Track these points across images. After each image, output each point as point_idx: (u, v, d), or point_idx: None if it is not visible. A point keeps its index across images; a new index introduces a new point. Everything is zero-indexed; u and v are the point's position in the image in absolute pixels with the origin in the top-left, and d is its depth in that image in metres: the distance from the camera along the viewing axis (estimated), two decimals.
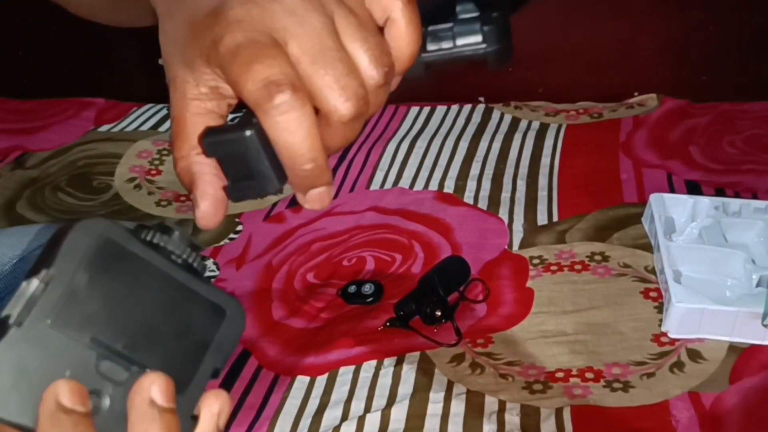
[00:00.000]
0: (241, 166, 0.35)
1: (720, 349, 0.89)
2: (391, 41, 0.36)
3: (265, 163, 0.35)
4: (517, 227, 1.16)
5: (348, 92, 0.34)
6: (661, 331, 0.92)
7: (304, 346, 0.97)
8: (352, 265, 1.10)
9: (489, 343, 0.94)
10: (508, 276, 1.05)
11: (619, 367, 0.88)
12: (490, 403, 0.85)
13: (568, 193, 1.23)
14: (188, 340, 0.34)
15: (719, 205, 1.07)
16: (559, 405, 0.84)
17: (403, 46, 0.36)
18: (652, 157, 1.31)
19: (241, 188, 0.36)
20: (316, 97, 0.34)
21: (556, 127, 1.43)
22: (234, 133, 0.34)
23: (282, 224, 1.20)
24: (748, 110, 1.42)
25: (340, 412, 0.86)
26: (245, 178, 0.35)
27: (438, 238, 1.14)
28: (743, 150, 1.30)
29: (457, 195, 1.25)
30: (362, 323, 0.98)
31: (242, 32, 0.34)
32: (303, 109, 0.33)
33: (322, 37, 0.34)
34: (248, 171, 0.35)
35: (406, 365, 0.92)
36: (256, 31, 0.34)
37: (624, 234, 1.11)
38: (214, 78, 0.36)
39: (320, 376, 0.92)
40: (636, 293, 0.99)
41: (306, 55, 0.34)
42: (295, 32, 0.34)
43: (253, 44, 0.34)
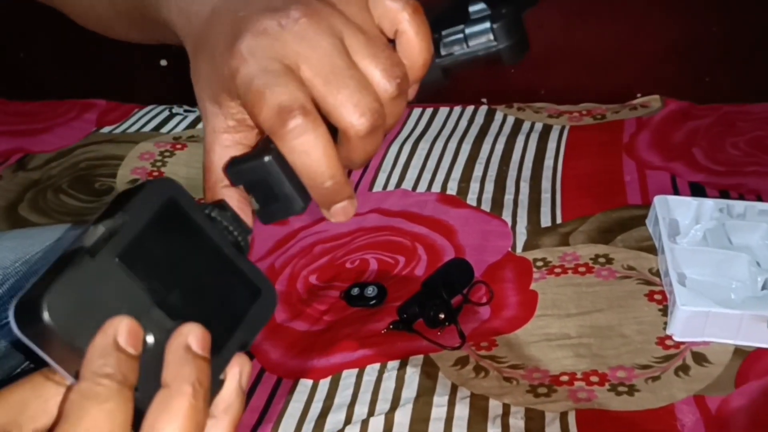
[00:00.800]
0: (265, 191, 0.37)
1: (725, 352, 0.89)
2: (403, 52, 0.38)
3: (287, 185, 0.37)
4: (521, 229, 1.15)
5: (361, 107, 0.35)
6: (665, 334, 0.92)
7: (306, 348, 0.96)
8: (354, 267, 1.10)
9: (493, 346, 0.94)
10: (512, 278, 1.05)
11: (624, 370, 0.88)
12: (494, 406, 0.85)
13: (571, 195, 1.22)
14: (226, 310, 0.36)
15: (723, 207, 1.07)
16: (563, 409, 0.83)
17: (415, 54, 0.38)
18: (655, 158, 1.30)
19: (269, 212, 0.38)
20: (332, 116, 0.36)
21: (559, 128, 1.43)
22: (254, 160, 0.37)
23: (284, 226, 1.20)
24: (751, 111, 1.42)
25: (344, 415, 0.86)
26: (272, 202, 0.38)
27: (441, 241, 1.14)
28: (746, 152, 1.30)
29: (460, 197, 1.25)
30: (365, 326, 0.98)
31: (255, 62, 0.36)
32: (316, 131, 0.35)
33: (332, 58, 0.36)
34: (273, 195, 0.37)
35: (409, 368, 0.91)
36: (267, 60, 0.36)
37: (628, 236, 1.10)
38: (239, 110, 0.38)
39: (323, 380, 0.92)
40: (640, 296, 0.99)
41: (318, 77, 0.35)
42: (306, 56, 0.36)
43: (264, 73, 0.35)
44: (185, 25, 0.42)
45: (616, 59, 1.58)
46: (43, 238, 0.83)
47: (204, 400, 0.32)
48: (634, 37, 1.57)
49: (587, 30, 1.58)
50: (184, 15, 0.42)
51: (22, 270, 0.76)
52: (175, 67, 1.74)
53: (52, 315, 0.31)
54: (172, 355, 0.32)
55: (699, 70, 1.56)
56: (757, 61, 1.53)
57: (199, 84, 0.40)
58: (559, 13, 1.57)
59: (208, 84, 0.39)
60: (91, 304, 0.32)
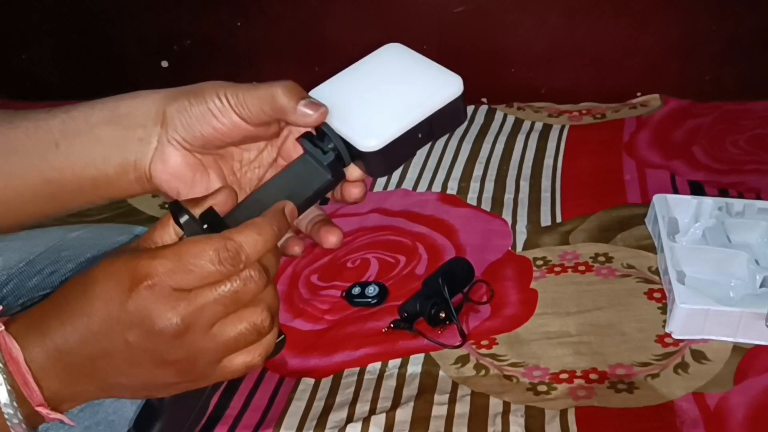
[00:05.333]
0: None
1: (724, 350, 0.89)
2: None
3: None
4: (521, 228, 1.16)
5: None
6: (665, 331, 0.93)
7: (308, 348, 0.97)
8: (356, 266, 1.10)
9: (493, 344, 0.94)
10: (512, 277, 1.05)
11: (624, 368, 0.88)
12: (494, 404, 0.85)
13: (571, 194, 1.23)
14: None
15: (723, 205, 1.07)
16: (563, 406, 0.84)
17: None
18: (655, 157, 1.31)
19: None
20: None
21: (559, 128, 1.43)
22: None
23: None
24: (751, 110, 1.42)
25: (345, 414, 0.86)
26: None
27: (442, 240, 1.14)
28: (746, 150, 1.30)
29: (461, 196, 1.25)
30: (366, 325, 0.99)
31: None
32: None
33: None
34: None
35: (410, 367, 0.92)
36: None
37: (627, 235, 1.11)
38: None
39: (325, 378, 0.92)
40: (640, 294, 0.99)
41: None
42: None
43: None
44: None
45: (616, 58, 1.59)
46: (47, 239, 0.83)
47: (276, 241, 0.45)
48: (634, 35, 1.57)
49: (588, 29, 1.58)
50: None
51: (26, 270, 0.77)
52: (176, 67, 1.74)
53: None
54: (272, 210, 0.46)
55: (700, 69, 1.57)
56: (757, 59, 1.53)
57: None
58: (560, 12, 1.58)
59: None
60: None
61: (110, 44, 1.78)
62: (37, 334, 0.44)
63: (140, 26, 1.75)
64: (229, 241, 0.43)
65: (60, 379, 0.45)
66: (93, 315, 0.43)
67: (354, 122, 0.49)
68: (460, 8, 1.58)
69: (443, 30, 1.58)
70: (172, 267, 0.42)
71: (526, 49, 1.62)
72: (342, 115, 0.50)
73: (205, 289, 0.43)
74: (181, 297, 0.42)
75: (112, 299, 0.43)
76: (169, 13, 1.72)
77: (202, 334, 0.43)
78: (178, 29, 1.72)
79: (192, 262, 0.42)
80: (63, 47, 1.80)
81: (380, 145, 0.48)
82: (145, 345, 0.43)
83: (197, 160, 0.53)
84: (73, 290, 0.44)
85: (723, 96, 1.49)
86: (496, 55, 1.61)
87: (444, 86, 0.50)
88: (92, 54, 1.79)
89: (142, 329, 0.43)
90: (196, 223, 0.45)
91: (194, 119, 0.51)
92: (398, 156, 0.50)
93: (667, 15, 1.55)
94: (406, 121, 0.49)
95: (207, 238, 0.43)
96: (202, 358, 0.44)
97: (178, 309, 0.42)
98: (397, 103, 0.49)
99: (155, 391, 0.47)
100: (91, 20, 1.77)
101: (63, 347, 0.44)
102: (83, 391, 0.46)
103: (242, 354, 0.45)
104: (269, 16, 1.65)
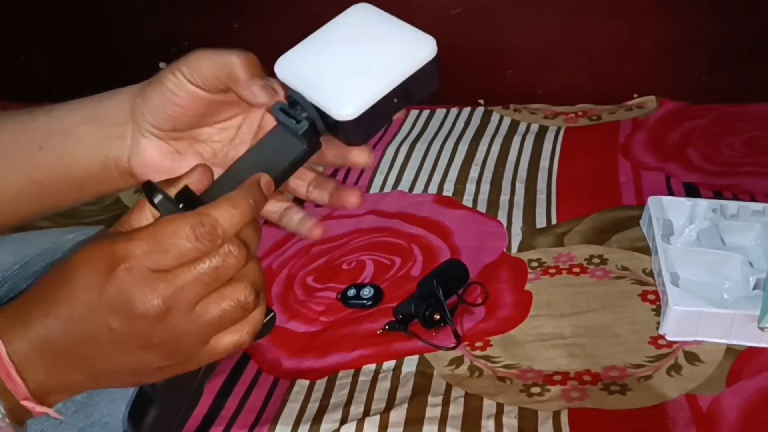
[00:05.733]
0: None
1: (717, 352, 0.90)
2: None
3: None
4: (516, 230, 1.16)
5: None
6: (658, 333, 0.93)
7: (303, 349, 0.97)
8: (351, 268, 1.11)
9: (487, 346, 0.94)
10: (507, 279, 1.06)
11: (617, 369, 0.89)
12: (488, 406, 0.86)
13: (566, 196, 1.23)
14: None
15: (717, 207, 1.07)
16: (556, 408, 0.84)
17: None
18: (650, 159, 1.31)
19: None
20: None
21: (555, 129, 1.44)
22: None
23: (282, 228, 1.20)
24: (747, 112, 1.43)
25: (340, 415, 0.87)
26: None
27: (437, 242, 1.15)
28: (742, 152, 1.31)
29: (456, 198, 1.26)
30: (361, 327, 0.99)
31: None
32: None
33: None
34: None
35: (404, 369, 0.92)
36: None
37: (622, 237, 1.11)
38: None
39: (320, 380, 0.93)
40: (634, 296, 1.00)
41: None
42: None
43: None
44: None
45: (613, 60, 1.59)
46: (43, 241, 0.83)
47: (252, 215, 0.44)
48: (631, 38, 1.58)
49: (585, 31, 1.58)
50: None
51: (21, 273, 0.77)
52: None
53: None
54: (247, 183, 0.46)
55: (696, 71, 1.57)
56: (753, 61, 1.53)
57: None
58: (557, 13, 1.58)
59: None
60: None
61: (108, 45, 1.78)
62: (20, 326, 0.44)
63: (138, 27, 1.75)
64: (204, 217, 0.43)
65: (45, 370, 0.44)
66: (74, 302, 0.43)
67: (327, 90, 0.48)
68: (457, 10, 1.59)
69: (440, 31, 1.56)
70: (148, 248, 0.42)
71: (523, 50, 1.62)
72: (314, 83, 0.48)
73: (184, 268, 0.42)
74: (161, 278, 0.42)
75: (91, 285, 0.42)
76: (167, 14, 1.72)
77: (185, 314, 0.43)
78: (175, 30, 1.72)
79: (168, 241, 0.42)
80: (61, 48, 1.80)
81: (356, 114, 0.47)
82: (128, 329, 0.43)
83: (172, 148, 0.54)
84: (54, 279, 0.44)
85: (719, 98, 1.49)
86: (493, 57, 1.62)
87: (418, 49, 0.49)
88: (90, 55, 1.80)
89: (124, 313, 0.42)
90: (171, 202, 0.44)
91: (157, 102, 0.52)
92: (375, 123, 0.49)
93: (664, 18, 1.55)
94: (380, 87, 0.47)
95: (182, 216, 0.43)
96: (188, 339, 0.44)
97: (158, 290, 0.42)
98: (371, 68, 0.48)
99: (144, 376, 0.47)
100: (89, 21, 1.78)
101: (47, 337, 0.44)
102: (70, 382, 0.46)
103: (229, 333, 0.45)
104: (267, 17, 1.66)
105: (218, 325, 0.44)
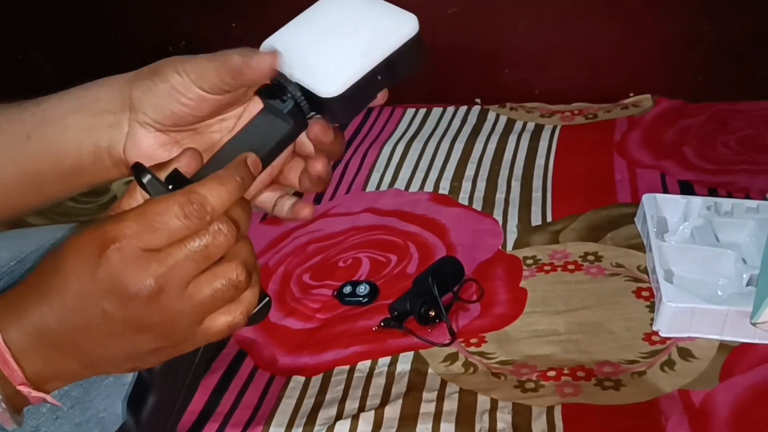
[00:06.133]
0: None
1: (710, 348, 0.90)
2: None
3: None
4: (512, 228, 1.17)
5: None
6: (652, 329, 0.93)
7: (299, 346, 0.98)
8: (347, 266, 1.11)
9: (482, 342, 0.95)
10: (502, 276, 1.06)
11: (611, 365, 0.89)
12: (482, 401, 0.86)
13: (562, 194, 1.24)
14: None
15: (711, 205, 1.08)
16: (550, 403, 0.84)
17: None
18: (646, 157, 1.31)
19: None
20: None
21: (551, 128, 1.44)
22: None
23: (278, 226, 1.21)
24: (742, 110, 1.43)
25: (335, 411, 0.87)
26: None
27: (433, 239, 1.15)
28: (736, 150, 1.31)
29: (452, 196, 1.26)
30: (357, 323, 0.99)
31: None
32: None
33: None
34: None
35: (400, 365, 0.93)
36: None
37: (617, 234, 1.12)
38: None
39: (315, 376, 0.93)
40: (628, 293, 1.00)
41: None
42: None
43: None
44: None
45: (609, 59, 1.60)
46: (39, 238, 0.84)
47: (241, 192, 0.44)
48: (626, 37, 1.58)
49: (581, 30, 1.59)
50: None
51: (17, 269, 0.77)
52: None
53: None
54: (234, 162, 0.45)
55: (691, 70, 1.57)
56: (749, 59, 1.54)
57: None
58: (553, 13, 1.58)
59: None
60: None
61: (106, 46, 1.79)
62: (14, 315, 0.44)
63: (136, 28, 1.75)
64: (192, 194, 0.43)
65: (42, 358, 0.45)
66: (67, 290, 0.43)
67: (311, 69, 0.49)
68: (453, 9, 1.59)
69: (437, 31, 1.59)
70: (138, 228, 0.42)
71: (519, 49, 1.63)
72: (298, 63, 0.49)
73: (174, 246, 0.42)
74: (152, 257, 0.42)
75: (83, 271, 0.43)
76: (165, 14, 1.72)
77: (178, 294, 0.43)
78: (173, 31, 1.73)
79: (158, 220, 0.42)
80: (59, 48, 1.81)
81: (340, 90, 0.48)
82: (122, 312, 0.43)
83: (171, 138, 0.53)
84: (46, 268, 0.44)
85: (715, 96, 1.50)
86: (489, 56, 1.62)
87: (399, 26, 0.50)
88: (88, 55, 1.80)
89: (117, 295, 0.42)
90: (160, 183, 0.45)
91: (161, 98, 0.51)
92: (360, 100, 0.50)
93: (659, 16, 1.56)
94: (363, 64, 0.48)
95: (170, 195, 0.43)
96: (181, 320, 0.44)
97: (149, 270, 0.42)
98: (353, 46, 0.49)
99: (139, 360, 0.47)
100: (87, 22, 1.78)
101: (41, 326, 0.44)
102: (66, 370, 0.46)
103: (223, 313, 0.45)
104: (265, 17, 1.66)
105: (211, 304, 0.44)
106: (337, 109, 0.49)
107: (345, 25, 0.50)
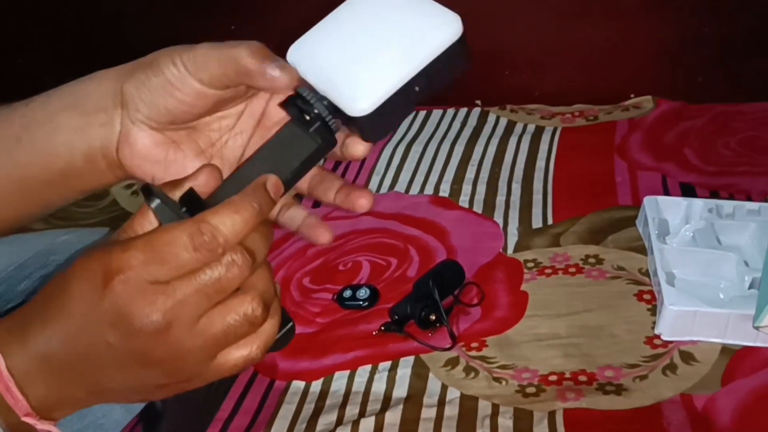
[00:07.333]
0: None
1: (712, 351, 0.90)
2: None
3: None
4: (512, 231, 1.16)
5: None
6: (654, 333, 0.93)
7: (299, 351, 0.97)
8: (347, 269, 1.11)
9: (483, 346, 0.94)
10: (503, 279, 1.06)
11: (612, 369, 0.89)
12: (483, 407, 0.86)
13: (563, 197, 1.23)
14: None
15: (713, 207, 1.07)
16: (552, 408, 0.84)
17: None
18: (647, 159, 1.31)
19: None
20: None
21: (551, 130, 1.44)
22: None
23: (278, 229, 1.20)
24: (743, 111, 1.43)
25: (335, 417, 0.87)
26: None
27: (433, 242, 1.15)
28: (738, 152, 1.31)
29: (453, 199, 1.26)
30: (357, 328, 0.99)
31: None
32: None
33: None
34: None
35: (400, 370, 0.92)
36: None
37: (618, 237, 1.11)
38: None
39: (315, 381, 0.93)
40: (630, 296, 1.00)
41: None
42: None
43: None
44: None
45: (609, 60, 1.59)
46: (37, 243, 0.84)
47: (257, 220, 0.41)
48: (627, 38, 1.58)
49: (581, 32, 1.59)
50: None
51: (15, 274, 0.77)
52: None
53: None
54: (252, 185, 0.42)
55: (692, 71, 1.57)
56: (750, 61, 1.54)
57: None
58: (553, 14, 1.58)
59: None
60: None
61: (105, 48, 1.78)
62: (18, 339, 0.42)
63: (135, 30, 1.75)
64: (203, 224, 0.39)
65: (46, 385, 0.43)
66: (71, 315, 0.41)
67: (340, 82, 0.43)
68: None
69: None
70: (144, 258, 0.39)
71: (519, 51, 1.63)
72: (326, 74, 0.44)
73: (183, 279, 0.39)
74: (159, 290, 0.39)
75: (87, 298, 0.40)
76: (164, 16, 1.72)
77: (188, 329, 0.40)
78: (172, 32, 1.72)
79: (166, 251, 0.39)
80: (58, 52, 1.81)
81: (372, 108, 0.43)
82: (126, 345, 0.40)
83: (167, 138, 0.50)
84: (52, 290, 0.42)
85: (716, 98, 1.49)
86: (489, 58, 1.62)
87: (440, 29, 0.43)
88: (87, 58, 1.79)
89: (121, 328, 0.40)
90: (171, 207, 0.41)
91: (155, 93, 0.47)
92: (394, 115, 0.44)
93: (660, 18, 1.55)
94: (397, 77, 0.43)
95: (179, 224, 0.40)
96: (191, 356, 0.41)
97: (156, 304, 0.39)
98: (387, 54, 0.43)
99: (147, 394, 0.45)
100: (86, 25, 1.78)
101: (45, 351, 0.42)
102: (73, 397, 0.44)
103: (239, 348, 0.42)
104: (264, 19, 1.66)
105: (224, 340, 0.41)
106: (368, 127, 0.44)
107: (379, 29, 0.44)
